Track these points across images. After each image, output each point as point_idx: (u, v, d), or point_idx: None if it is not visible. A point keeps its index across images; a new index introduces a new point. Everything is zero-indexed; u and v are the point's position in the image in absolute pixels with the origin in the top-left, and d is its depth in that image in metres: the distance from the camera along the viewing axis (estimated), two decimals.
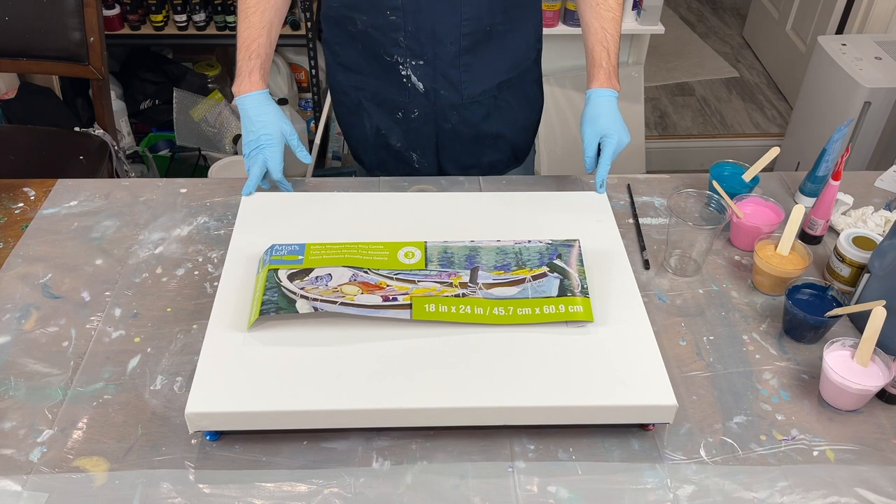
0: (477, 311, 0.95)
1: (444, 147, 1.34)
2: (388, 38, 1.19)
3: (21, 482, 0.84)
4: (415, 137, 1.32)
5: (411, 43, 1.19)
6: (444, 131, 1.31)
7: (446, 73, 1.23)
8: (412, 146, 1.34)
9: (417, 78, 1.23)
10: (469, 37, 1.19)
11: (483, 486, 0.85)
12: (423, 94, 1.25)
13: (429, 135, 1.32)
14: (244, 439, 0.89)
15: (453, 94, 1.25)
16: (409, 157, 1.35)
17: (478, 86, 1.26)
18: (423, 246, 1.04)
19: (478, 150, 1.35)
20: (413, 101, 1.27)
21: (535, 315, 0.95)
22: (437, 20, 1.17)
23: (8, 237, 1.16)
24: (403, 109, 1.28)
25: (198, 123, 2.55)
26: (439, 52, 1.20)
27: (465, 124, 1.30)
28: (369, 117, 1.32)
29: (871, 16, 2.64)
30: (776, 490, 0.85)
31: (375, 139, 1.34)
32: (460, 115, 1.29)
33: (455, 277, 0.99)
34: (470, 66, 1.23)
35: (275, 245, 1.02)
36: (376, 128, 1.32)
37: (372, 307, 0.94)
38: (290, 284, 0.96)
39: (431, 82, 1.24)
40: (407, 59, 1.21)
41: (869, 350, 0.93)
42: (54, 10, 1.80)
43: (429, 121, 1.29)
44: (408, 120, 1.29)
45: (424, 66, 1.22)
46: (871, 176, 1.35)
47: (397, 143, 1.33)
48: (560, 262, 1.02)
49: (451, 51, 1.20)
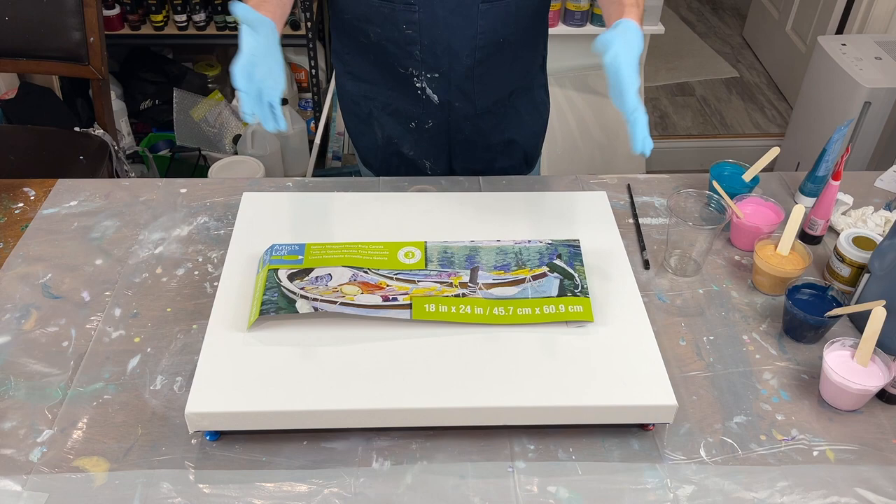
0: (477, 311, 0.95)
1: (456, 155, 1.34)
2: (402, 51, 1.18)
3: (21, 482, 0.84)
4: (427, 146, 1.32)
5: (427, 56, 1.18)
6: (458, 141, 1.31)
7: (461, 86, 1.22)
8: (425, 154, 1.33)
9: (432, 90, 1.22)
10: (483, 49, 1.18)
11: (483, 486, 0.85)
12: (438, 106, 1.25)
13: (442, 144, 1.31)
14: (244, 439, 0.89)
15: (467, 105, 1.25)
16: (422, 165, 1.35)
17: (490, 96, 1.25)
18: (423, 246, 1.04)
19: (490, 157, 1.35)
20: (427, 113, 1.26)
21: (535, 315, 0.95)
22: (453, 34, 1.15)
23: (8, 237, 1.16)
24: (417, 120, 1.28)
25: (198, 123, 2.55)
26: (454, 65, 1.19)
27: (477, 133, 1.30)
28: (381, 126, 1.31)
29: (871, 16, 2.64)
30: (776, 490, 0.85)
31: (387, 147, 1.34)
32: (473, 124, 1.28)
33: (455, 277, 0.99)
34: (483, 78, 1.22)
35: (275, 245, 1.02)
36: (388, 137, 1.32)
37: (372, 307, 0.94)
38: (290, 284, 0.96)
39: (446, 95, 1.23)
40: (422, 72, 1.20)
41: (869, 350, 0.93)
42: (54, 10, 1.80)
43: (442, 131, 1.29)
44: (421, 130, 1.29)
45: (440, 78, 1.21)
46: (871, 176, 1.35)
47: (410, 152, 1.33)
48: (560, 262, 1.02)
49: (465, 63, 1.19)
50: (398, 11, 1.13)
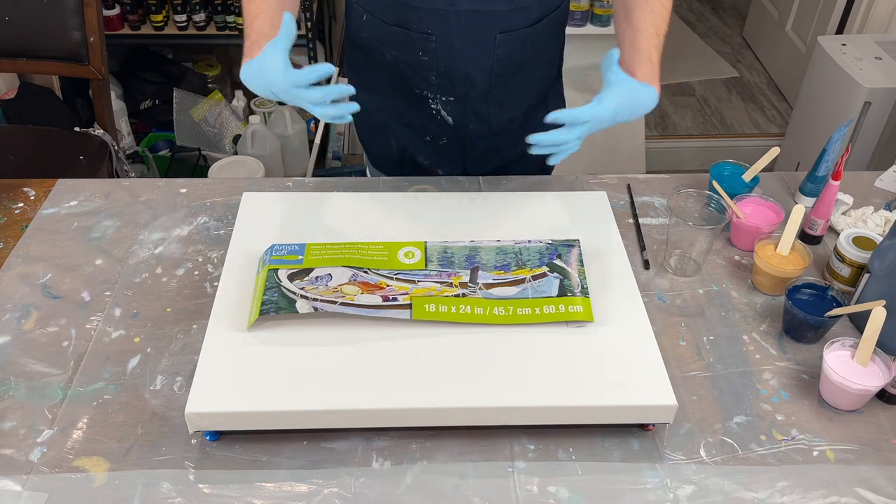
0: (477, 311, 0.95)
1: (470, 166, 1.33)
2: (419, 75, 1.17)
3: (21, 482, 0.84)
4: (442, 158, 1.31)
5: (443, 82, 1.17)
6: (472, 155, 1.31)
7: (476, 108, 1.21)
8: (439, 164, 1.33)
9: (447, 113, 1.22)
10: (500, 76, 1.17)
11: (483, 486, 0.85)
12: (452, 126, 1.24)
13: (456, 156, 1.31)
14: (244, 439, 0.89)
15: (482, 125, 1.24)
16: (435, 173, 1.35)
17: (505, 115, 1.24)
18: (423, 246, 1.04)
19: (505, 167, 1.34)
20: (442, 131, 1.26)
21: (535, 315, 0.95)
22: (470, 63, 1.14)
23: (8, 237, 1.16)
24: (432, 135, 1.27)
25: (198, 123, 2.55)
26: (470, 91, 1.18)
27: (492, 149, 1.29)
28: (395, 137, 1.30)
29: (871, 16, 2.64)
30: (776, 490, 0.85)
31: (401, 156, 1.33)
32: (487, 142, 1.28)
33: (455, 277, 0.99)
34: (499, 99, 1.21)
35: (275, 245, 1.02)
36: (403, 147, 1.31)
37: (372, 307, 0.93)
38: (290, 284, 0.96)
39: (461, 117, 1.22)
40: (437, 96, 1.20)
41: (869, 350, 0.93)
42: (54, 10, 1.80)
43: (457, 146, 1.29)
44: (436, 144, 1.28)
45: (455, 102, 1.20)
46: (871, 176, 1.35)
47: (424, 161, 1.32)
48: (560, 262, 1.02)
49: (481, 89, 1.18)
50: (415, 39, 1.12)
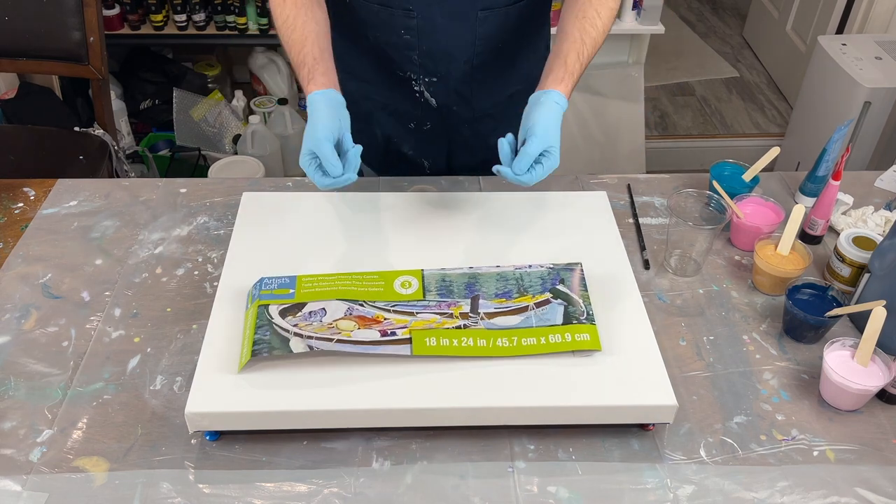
0: (480, 342, 0.90)
1: (455, 155, 1.34)
2: (401, 55, 1.18)
3: (21, 482, 0.84)
4: (426, 146, 1.32)
5: (425, 61, 1.18)
6: (457, 142, 1.31)
7: (459, 90, 1.22)
8: (424, 153, 1.33)
9: (430, 94, 1.22)
10: (482, 55, 1.18)
11: (483, 486, 0.85)
12: (436, 109, 1.25)
13: (441, 144, 1.32)
14: (244, 439, 0.89)
15: (465, 108, 1.25)
16: (421, 163, 1.35)
17: (488, 99, 1.25)
18: (419, 275, 0.99)
19: (489, 157, 1.34)
20: (426, 115, 1.26)
21: (540, 345, 0.90)
22: (452, 40, 1.15)
23: (8, 237, 1.16)
24: (416, 121, 1.28)
25: (198, 123, 2.55)
26: (452, 70, 1.19)
27: (476, 135, 1.30)
28: (380, 126, 1.31)
29: (871, 16, 2.65)
30: (776, 490, 0.85)
31: (386, 146, 1.34)
32: (472, 127, 1.28)
33: (455, 307, 0.94)
34: (481, 82, 1.22)
35: (263, 278, 0.96)
36: (387, 136, 1.32)
37: (370, 343, 0.89)
38: (282, 321, 0.90)
39: (444, 98, 1.23)
40: (420, 76, 1.20)
41: (869, 350, 0.93)
42: (54, 10, 1.80)
43: (441, 132, 1.29)
44: (420, 130, 1.29)
45: (438, 82, 1.21)
46: (871, 176, 1.35)
47: (409, 151, 1.33)
48: (563, 287, 0.97)
49: (463, 69, 1.19)
50: (396, 17, 1.13)
